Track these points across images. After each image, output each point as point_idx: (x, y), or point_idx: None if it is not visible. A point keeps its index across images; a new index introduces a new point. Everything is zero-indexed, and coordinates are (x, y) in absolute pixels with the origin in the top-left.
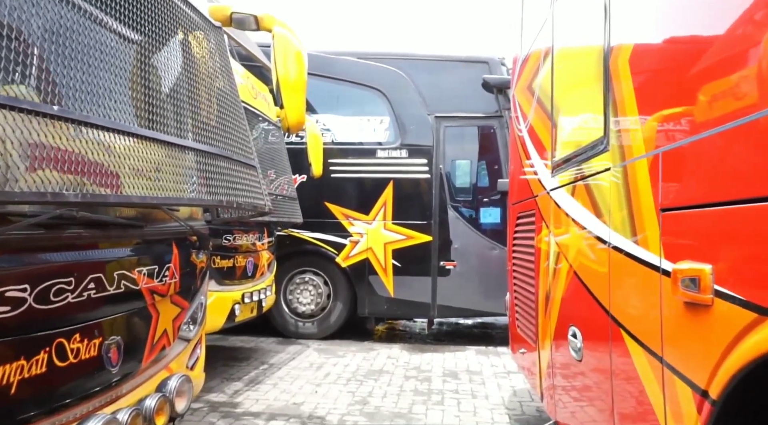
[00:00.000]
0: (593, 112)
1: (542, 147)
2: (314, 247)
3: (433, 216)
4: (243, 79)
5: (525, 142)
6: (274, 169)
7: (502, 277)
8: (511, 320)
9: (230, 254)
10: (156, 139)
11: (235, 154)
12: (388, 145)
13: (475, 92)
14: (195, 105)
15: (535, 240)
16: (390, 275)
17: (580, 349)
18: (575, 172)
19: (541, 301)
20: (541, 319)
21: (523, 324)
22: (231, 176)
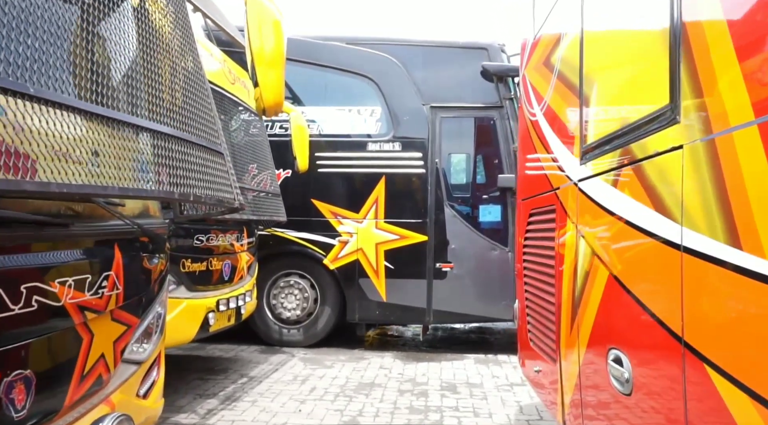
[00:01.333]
0: (649, 74)
1: (565, 130)
2: (300, 248)
3: (429, 215)
4: (221, 64)
5: (540, 128)
6: (255, 164)
7: (503, 280)
8: (521, 331)
9: (203, 256)
10: (88, 111)
11: (196, 137)
12: (380, 137)
13: (473, 81)
14: (146, 75)
15: (555, 240)
16: (382, 278)
17: (628, 381)
18: (619, 156)
19: (565, 313)
20: (565, 335)
21: (538, 337)
22: (190, 163)
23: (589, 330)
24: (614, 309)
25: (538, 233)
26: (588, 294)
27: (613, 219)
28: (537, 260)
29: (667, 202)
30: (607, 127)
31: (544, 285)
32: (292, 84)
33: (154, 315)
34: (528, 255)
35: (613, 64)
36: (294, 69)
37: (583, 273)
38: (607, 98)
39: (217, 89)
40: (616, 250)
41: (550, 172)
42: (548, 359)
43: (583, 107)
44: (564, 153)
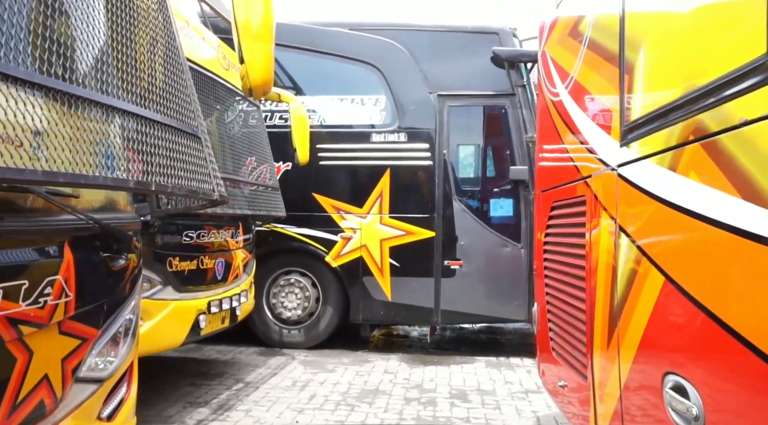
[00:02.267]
0: (731, 16)
1: (599, 108)
2: (300, 245)
3: (436, 209)
4: (215, 50)
5: (565, 109)
6: (253, 156)
7: (515, 279)
8: (540, 337)
9: (193, 254)
10: (20, 79)
11: (164, 117)
12: (384, 128)
13: (483, 67)
14: (101, 40)
15: (585, 236)
16: (387, 276)
17: (697, 419)
18: (681, 131)
19: (600, 322)
20: (600, 348)
21: (562, 347)
22: (155, 147)
23: (635, 347)
24: (675, 325)
25: (563, 228)
26: (633, 302)
27: (672, 211)
28: (561, 259)
29: (762, 186)
30: (660, 96)
31: (570, 288)
32: (292, 72)
33: (121, 323)
34: (550, 253)
35: (668, 15)
36: (294, 56)
37: (626, 275)
38: (661, 59)
39: (210, 75)
40: (677, 250)
41: (578, 159)
42: (576, 374)
43: (624, 76)
44: (597, 135)
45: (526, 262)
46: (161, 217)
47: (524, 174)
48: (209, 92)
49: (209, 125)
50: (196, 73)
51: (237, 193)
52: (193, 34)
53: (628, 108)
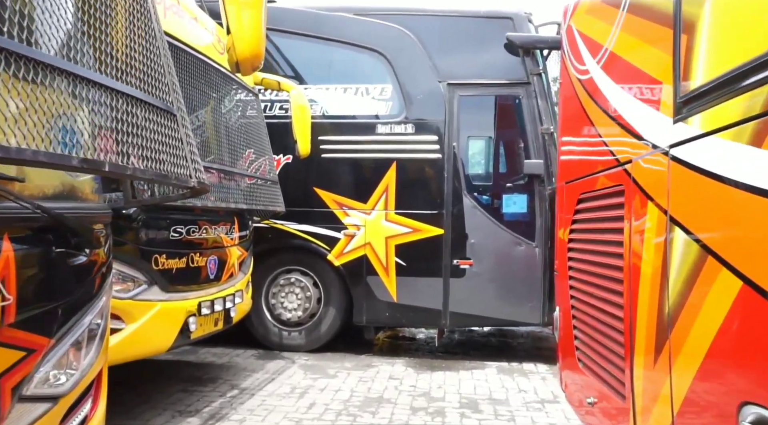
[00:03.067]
0: None
1: (645, 79)
2: (301, 242)
3: (445, 205)
4: (211, 34)
5: (596, 87)
6: (250, 147)
7: (529, 279)
8: (563, 346)
9: (183, 251)
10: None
11: (130, 88)
12: (391, 118)
13: (496, 54)
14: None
15: (623, 231)
16: (392, 276)
17: None
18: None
19: (643, 333)
20: (643, 363)
21: (592, 359)
22: (119, 121)
23: (696, 366)
24: (759, 342)
25: (593, 223)
26: (693, 310)
27: (754, 197)
28: (591, 258)
29: None
30: (736, 54)
31: (603, 291)
32: (293, 60)
33: (83, 329)
34: (576, 251)
35: None
36: (295, 43)
37: (684, 278)
38: (734, 8)
39: (202, 58)
40: (763, 247)
41: (614, 142)
42: (610, 390)
43: (681, 35)
44: (640, 111)
45: (541, 262)
46: (148, 210)
47: (539, 168)
48: (201, 76)
49: (202, 114)
50: (186, 55)
51: (232, 186)
52: (184, 14)
53: (686, 74)
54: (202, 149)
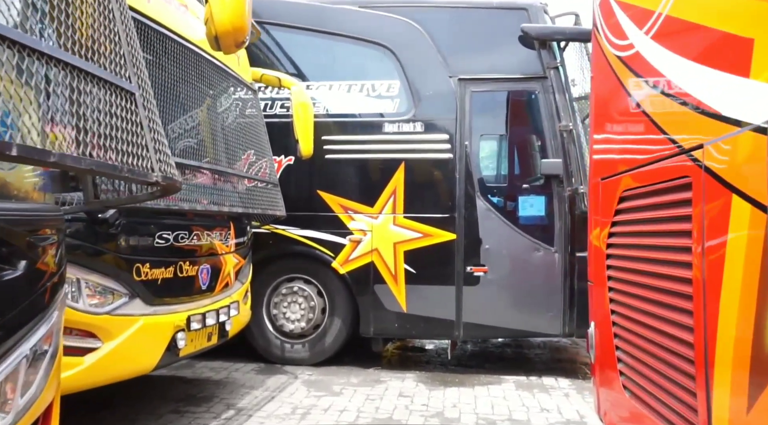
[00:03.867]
0: None
1: (724, 40)
2: (305, 248)
3: (457, 208)
4: (203, 24)
5: (645, 60)
6: (247, 147)
7: (548, 287)
8: (601, 368)
9: (170, 260)
10: None
11: (71, 56)
12: (398, 117)
13: (510, 48)
14: None
15: (696, 236)
16: (402, 284)
17: None
18: None
19: (727, 361)
20: (729, 400)
21: (644, 389)
22: (56, 96)
23: None
24: None
25: (643, 225)
26: None
27: None
28: (641, 267)
29: None
30: None
31: (660, 308)
32: (294, 56)
33: (19, 360)
34: (618, 258)
35: None
36: (296, 38)
37: None
38: None
39: (193, 48)
40: None
41: (674, 124)
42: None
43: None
44: (719, 82)
45: (561, 268)
46: (129, 214)
47: (558, 168)
48: (192, 69)
49: (194, 111)
50: (173, 44)
51: (228, 188)
52: (172, 0)
53: None
54: (196, 149)
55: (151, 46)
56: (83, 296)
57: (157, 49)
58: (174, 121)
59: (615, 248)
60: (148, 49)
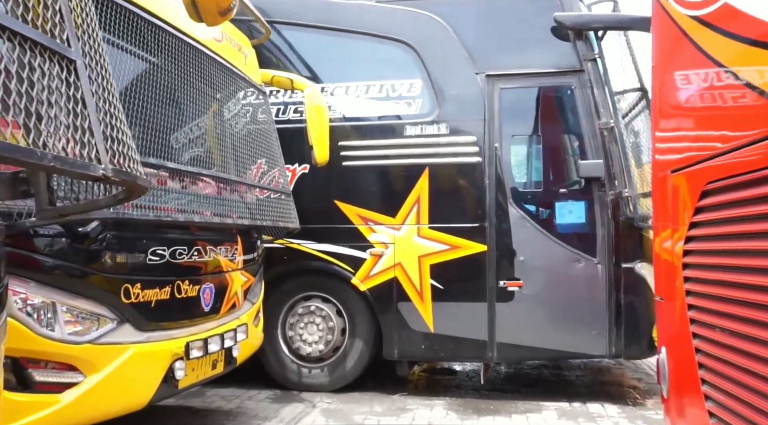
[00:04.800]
0: None
1: None
2: (322, 264)
3: (488, 217)
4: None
5: (739, 11)
6: (256, 154)
7: (591, 302)
8: (678, 404)
9: (166, 279)
10: None
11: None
12: (421, 118)
13: (542, 40)
14: None
15: None
16: (428, 301)
17: None
18: None
19: None
20: None
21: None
22: None
23: None
24: None
25: (740, 224)
26: None
27: None
28: (740, 278)
29: None
30: None
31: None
32: (307, 56)
33: None
34: (702, 268)
35: None
36: (309, 37)
37: None
38: None
39: (190, 41)
40: None
41: None
42: None
43: None
44: None
45: (604, 281)
46: (116, 227)
47: (598, 169)
48: (193, 67)
49: (196, 114)
50: (172, 38)
51: (234, 198)
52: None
53: None
54: (196, 155)
55: (140, 38)
56: (60, 323)
57: (147, 41)
58: (170, 124)
59: (696, 256)
60: (136, 41)
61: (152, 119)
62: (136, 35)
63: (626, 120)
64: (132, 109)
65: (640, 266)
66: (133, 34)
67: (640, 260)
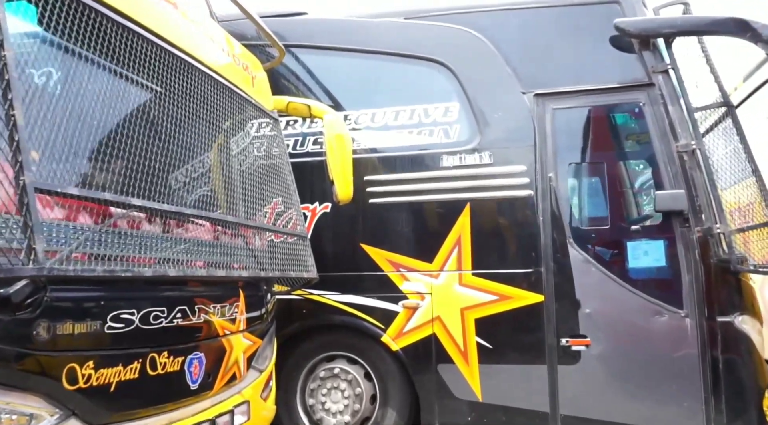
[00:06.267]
0: None
1: None
2: (347, 318)
3: (544, 261)
4: (207, 35)
5: None
6: (269, 193)
7: (679, 366)
8: None
9: (133, 352)
10: None
11: None
12: (460, 147)
13: (601, 51)
14: None
15: None
16: (474, 363)
17: None
18: None
19: None
20: None
21: None
22: None
23: None
24: None
25: None
26: None
27: None
28: None
29: None
30: None
31: None
32: (329, 82)
33: None
34: None
35: None
36: (332, 61)
37: None
38: None
39: (187, 59)
40: None
41: None
42: None
43: None
44: None
45: (696, 339)
46: (55, 285)
47: (680, 201)
48: (181, 85)
49: (191, 144)
50: (160, 52)
51: (232, 243)
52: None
53: None
54: (181, 191)
55: (104, 45)
56: None
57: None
58: (151, 153)
59: None
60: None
61: (112, 146)
62: (99, 43)
63: (707, 140)
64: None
65: (742, 320)
66: (97, 41)
67: (740, 312)
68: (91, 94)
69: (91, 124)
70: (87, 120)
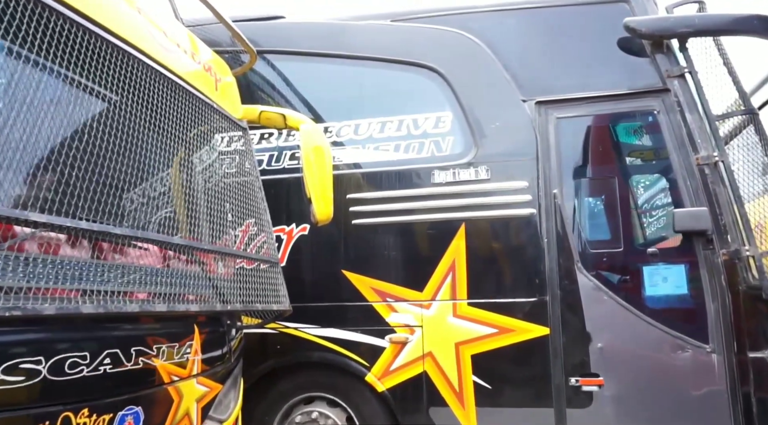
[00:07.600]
0: None
1: None
2: (327, 355)
3: (549, 288)
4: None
5: None
6: (236, 214)
7: (705, 407)
8: None
9: (38, 412)
10: None
11: None
12: (453, 160)
13: (609, 54)
14: None
15: None
16: (471, 406)
17: None
18: None
19: None
20: None
21: None
22: None
23: None
24: None
25: None
26: None
27: None
28: None
29: None
30: None
31: None
32: (308, 90)
33: None
34: None
35: None
36: (311, 67)
37: None
38: None
39: (141, 58)
40: None
41: None
42: None
43: None
44: None
45: (724, 376)
46: None
47: (702, 220)
48: (142, 89)
49: (142, 155)
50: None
51: (189, 271)
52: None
53: None
54: (116, 207)
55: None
56: None
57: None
58: (91, 162)
59: None
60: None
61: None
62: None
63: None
64: None
65: None
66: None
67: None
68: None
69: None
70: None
